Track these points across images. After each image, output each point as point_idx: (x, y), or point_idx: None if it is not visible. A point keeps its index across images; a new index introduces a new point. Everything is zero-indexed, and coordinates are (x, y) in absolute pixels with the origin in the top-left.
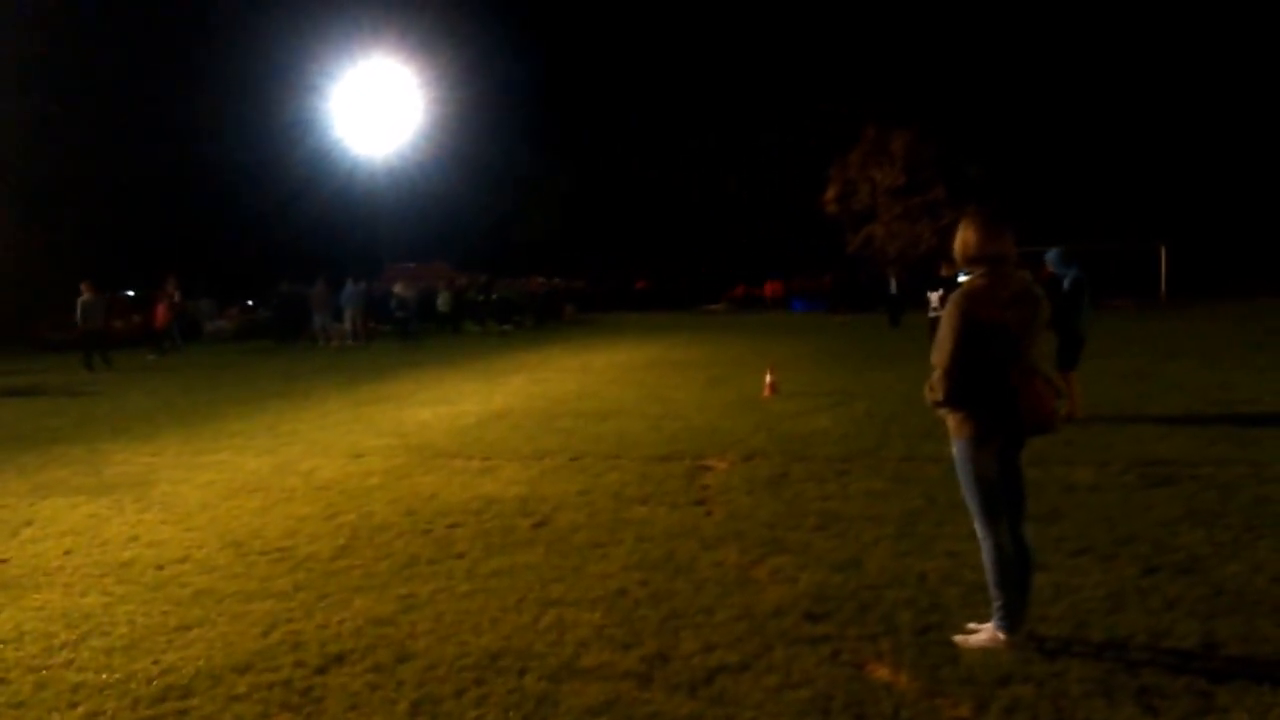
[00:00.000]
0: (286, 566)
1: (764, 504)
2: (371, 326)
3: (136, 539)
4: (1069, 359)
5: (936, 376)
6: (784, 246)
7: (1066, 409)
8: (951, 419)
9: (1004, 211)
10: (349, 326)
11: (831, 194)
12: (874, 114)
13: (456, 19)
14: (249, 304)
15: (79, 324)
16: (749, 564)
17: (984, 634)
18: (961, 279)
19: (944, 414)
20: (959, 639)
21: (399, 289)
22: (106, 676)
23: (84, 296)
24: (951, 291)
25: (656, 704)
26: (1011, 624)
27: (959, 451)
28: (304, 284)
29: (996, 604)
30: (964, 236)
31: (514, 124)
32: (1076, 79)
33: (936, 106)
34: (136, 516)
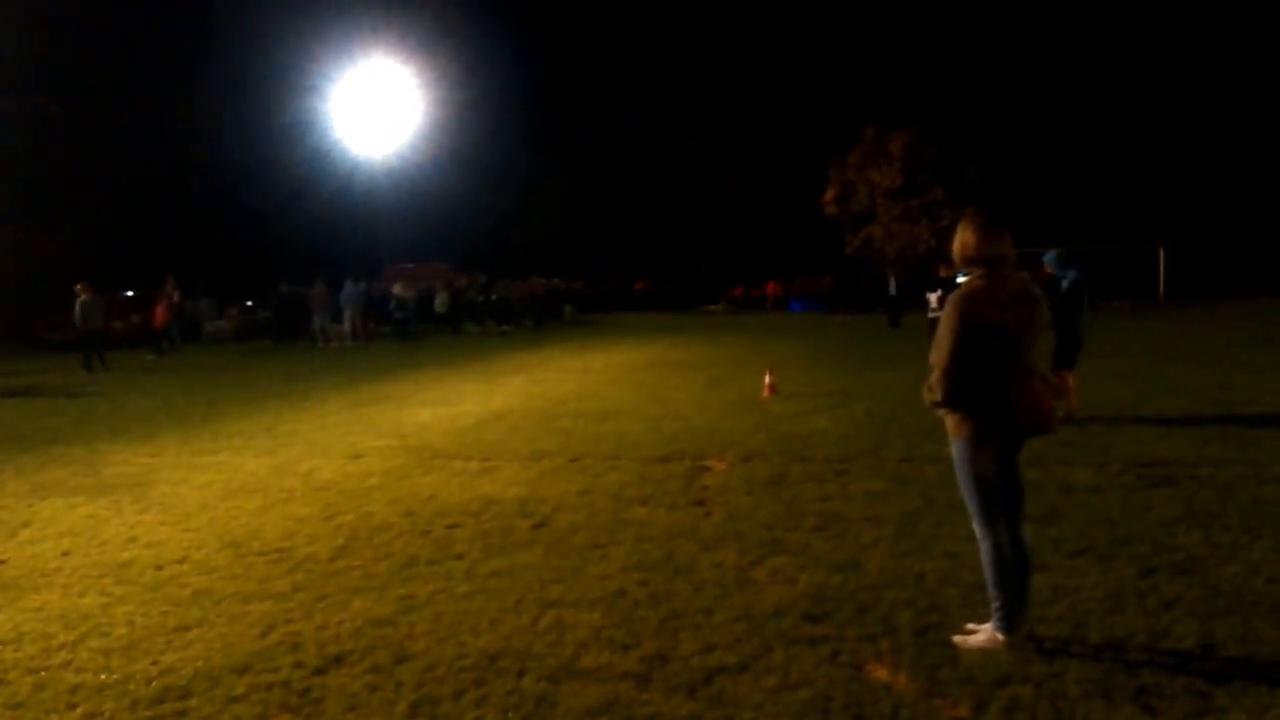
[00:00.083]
0: (285, 567)
1: (763, 505)
2: (371, 327)
3: (135, 540)
4: (1066, 359)
5: (935, 377)
6: (783, 247)
7: (1064, 409)
8: (950, 419)
9: (1001, 213)
10: (348, 327)
11: (830, 195)
12: (873, 115)
13: (456, 20)
14: (248, 304)
15: (78, 325)
16: (748, 565)
17: (983, 634)
18: (960, 280)
19: (943, 414)
20: (958, 639)
21: (398, 290)
22: (105, 677)
23: (82, 297)
24: (950, 292)
25: (655, 705)
26: (1010, 624)
27: (957, 452)
28: (303, 284)
29: (995, 604)
30: (962, 238)
31: (514, 124)
32: (1075, 80)
33: (935, 108)
34: (135, 517)
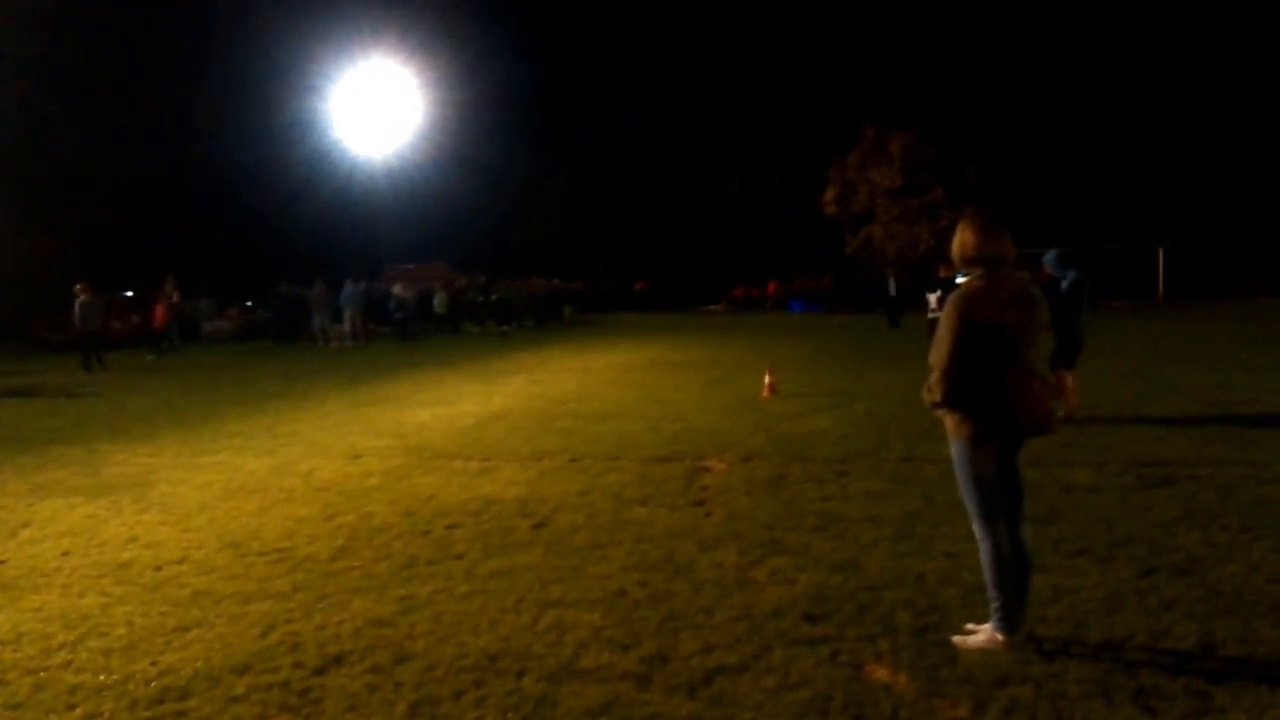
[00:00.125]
0: (285, 567)
1: (763, 505)
2: (371, 327)
3: (135, 540)
4: (1066, 358)
5: (935, 377)
6: (783, 247)
7: (1064, 409)
8: (950, 420)
9: (1001, 213)
10: (348, 327)
11: (830, 195)
12: (873, 115)
13: (456, 20)
14: (248, 305)
15: (77, 325)
16: (748, 565)
17: (982, 635)
18: (960, 280)
19: (942, 415)
20: (957, 640)
21: (398, 290)
22: (104, 678)
23: (81, 298)
24: (950, 293)
25: (655, 705)
26: (1010, 625)
27: (957, 452)
28: (303, 285)
29: (995, 605)
30: (962, 238)
31: (513, 124)
32: (1074, 80)
33: (935, 108)
34: (135, 517)
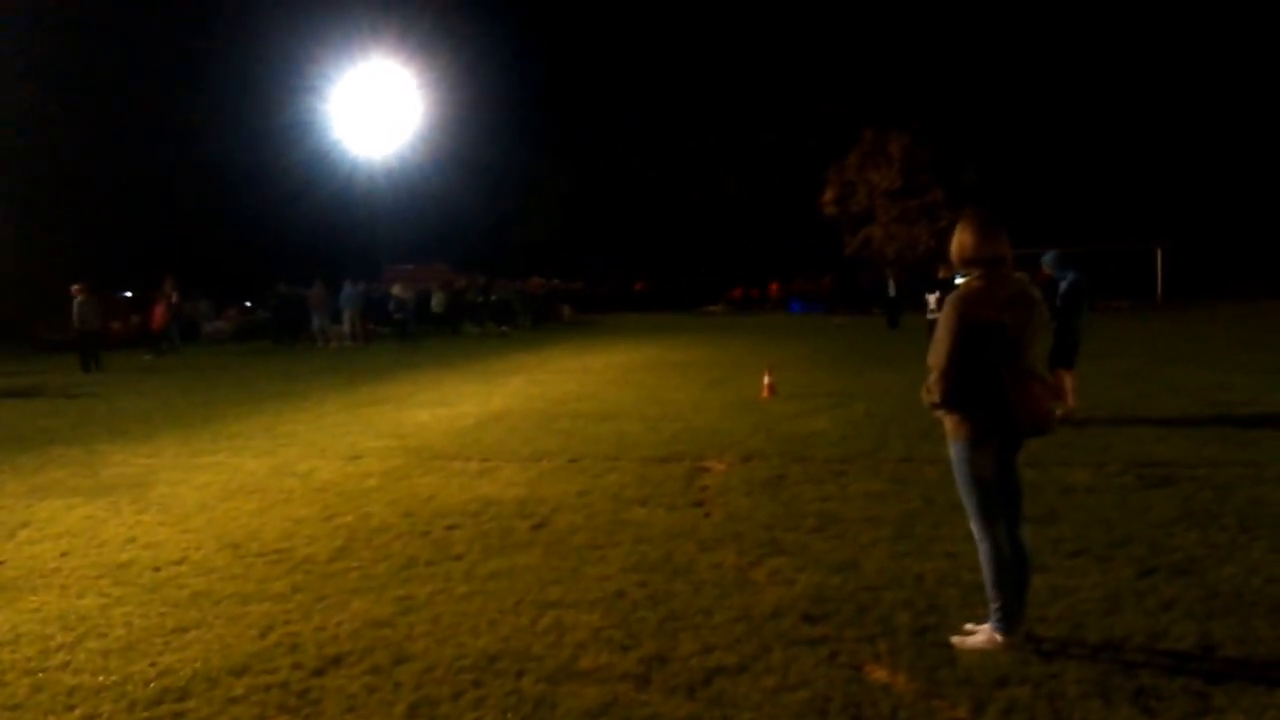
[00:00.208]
0: (284, 568)
1: (762, 505)
2: (370, 328)
3: (134, 540)
4: (1064, 359)
5: (934, 378)
6: (783, 247)
7: (1062, 409)
8: (949, 420)
9: (1000, 213)
10: (347, 328)
11: (830, 196)
12: (872, 116)
13: (456, 20)
14: (247, 305)
15: (76, 325)
16: (747, 565)
17: (981, 635)
18: (959, 281)
19: (941, 415)
20: (956, 640)
21: (397, 290)
22: (103, 679)
23: (79, 298)
24: (949, 293)
25: (654, 706)
26: (1009, 625)
27: (956, 453)
28: (302, 285)
29: (994, 605)
30: (961, 238)
31: (513, 125)
32: (1073, 81)
33: (934, 109)
34: (134, 518)
